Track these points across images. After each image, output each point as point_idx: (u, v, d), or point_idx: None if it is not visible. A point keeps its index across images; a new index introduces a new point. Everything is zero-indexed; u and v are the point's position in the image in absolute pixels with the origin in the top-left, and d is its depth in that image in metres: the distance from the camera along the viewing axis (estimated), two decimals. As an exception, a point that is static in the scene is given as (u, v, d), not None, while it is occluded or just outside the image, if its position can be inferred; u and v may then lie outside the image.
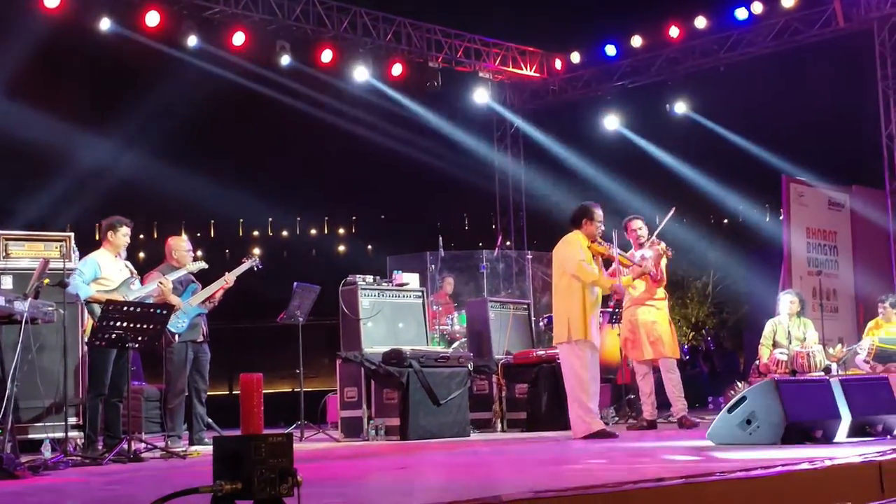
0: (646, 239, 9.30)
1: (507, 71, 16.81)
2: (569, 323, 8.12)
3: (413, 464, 6.22)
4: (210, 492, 3.27)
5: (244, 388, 3.47)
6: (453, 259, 13.48)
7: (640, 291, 9.24)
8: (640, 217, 9.52)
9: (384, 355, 9.36)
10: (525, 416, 10.21)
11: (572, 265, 8.17)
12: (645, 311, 9.21)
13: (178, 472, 6.04)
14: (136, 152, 19.92)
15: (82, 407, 7.93)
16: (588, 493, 4.00)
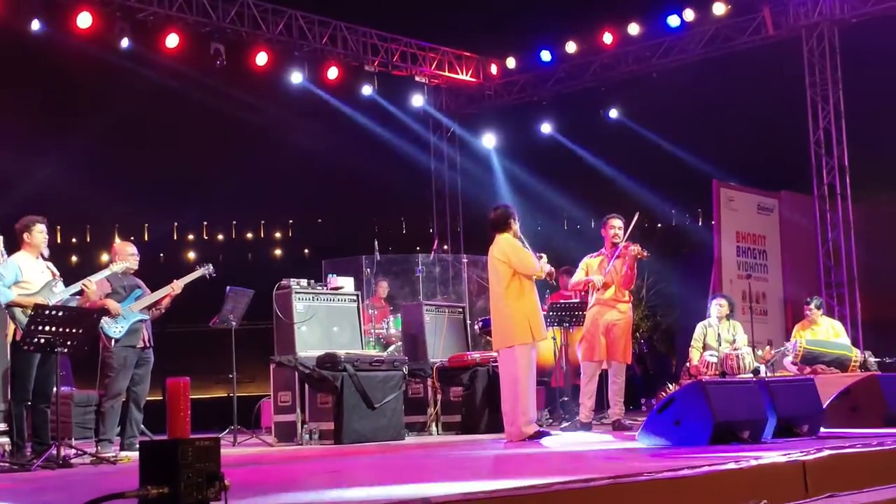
0: (620, 240, 9.39)
1: (443, 75, 16.86)
2: (514, 329, 8.09)
3: (345, 468, 6.22)
4: (136, 496, 3.24)
5: (171, 392, 3.45)
6: (389, 263, 13.49)
7: (608, 293, 9.34)
8: (618, 217, 9.58)
9: (318, 359, 9.33)
10: (460, 418, 10.25)
11: (524, 266, 8.15)
12: (609, 312, 9.34)
13: (108, 478, 5.97)
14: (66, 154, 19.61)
15: (8, 413, 7.79)
16: (517, 495, 4.03)
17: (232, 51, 14.12)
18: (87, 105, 18.01)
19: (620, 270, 9.37)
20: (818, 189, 14.72)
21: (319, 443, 9.09)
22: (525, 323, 8.14)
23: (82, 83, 17.84)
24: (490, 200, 17.46)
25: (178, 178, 23.72)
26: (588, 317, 9.55)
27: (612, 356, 9.35)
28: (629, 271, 9.31)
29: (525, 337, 8.13)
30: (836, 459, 5.48)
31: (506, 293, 8.27)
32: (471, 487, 4.23)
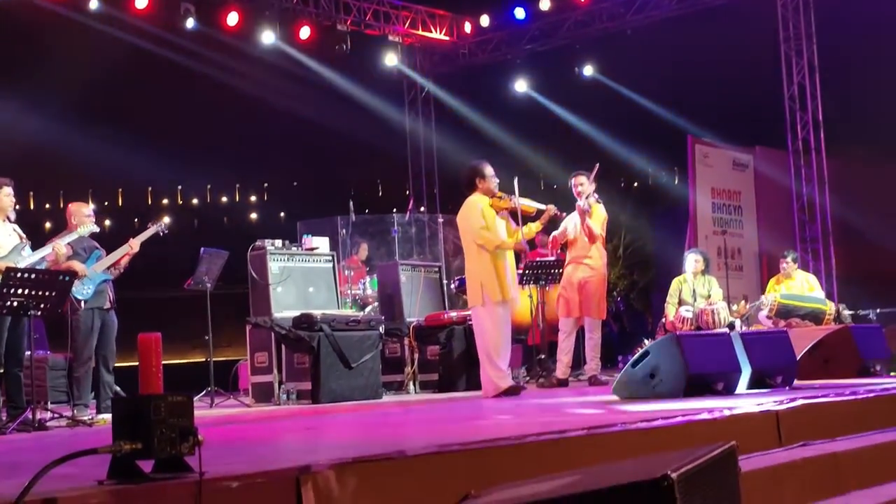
0: (586, 196, 9.39)
1: (417, 34, 16.75)
2: (482, 287, 8.16)
3: (321, 425, 6.23)
4: (109, 452, 3.23)
5: (142, 347, 3.44)
6: (365, 223, 13.46)
7: (579, 249, 9.38)
8: (583, 173, 9.57)
9: (294, 320, 9.31)
10: (437, 377, 10.27)
11: (474, 235, 8.20)
12: (581, 268, 9.37)
13: (84, 439, 5.95)
14: (38, 118, 19.40)
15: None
16: (492, 447, 4.05)
17: (202, 11, 13.97)
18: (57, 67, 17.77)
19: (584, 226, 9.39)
20: (793, 144, 14.77)
21: (297, 403, 9.10)
22: (478, 285, 8.20)
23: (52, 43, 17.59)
24: (465, 160, 17.44)
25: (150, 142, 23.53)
26: (564, 274, 9.60)
27: (587, 312, 9.41)
28: (583, 225, 9.34)
29: (477, 299, 8.19)
30: (809, 409, 5.55)
31: (467, 254, 8.38)
32: (445, 440, 4.25)
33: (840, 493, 4.69)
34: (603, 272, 9.58)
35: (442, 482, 3.75)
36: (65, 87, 18.59)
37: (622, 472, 2.36)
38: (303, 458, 3.78)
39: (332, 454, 3.83)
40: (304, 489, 3.40)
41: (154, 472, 3.30)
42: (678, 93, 17.38)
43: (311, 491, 3.41)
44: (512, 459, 4.02)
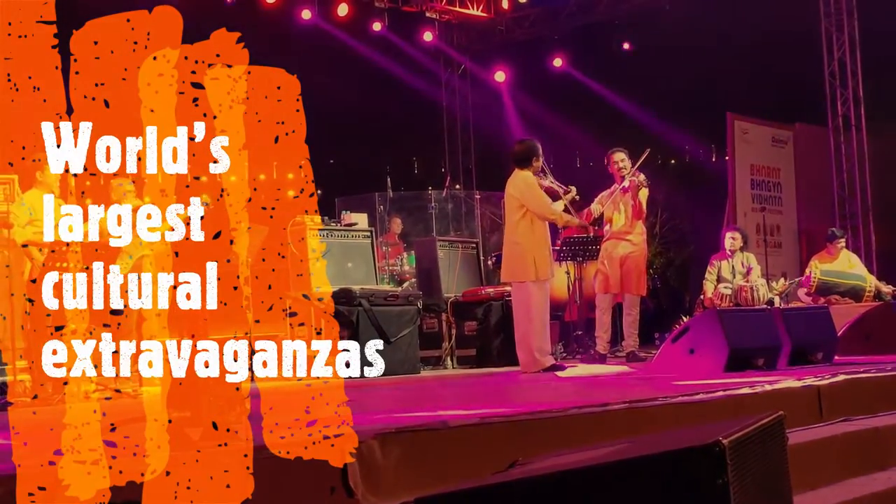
0: (627, 171, 9.35)
1: (454, 11, 16.71)
2: (535, 262, 8.12)
3: (361, 397, 6.27)
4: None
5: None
6: (402, 200, 13.49)
7: (620, 225, 9.35)
8: (622, 150, 9.54)
9: (334, 294, 9.36)
10: (475, 352, 10.29)
11: (541, 210, 8.17)
12: (622, 245, 9.35)
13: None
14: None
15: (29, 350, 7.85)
16: (533, 419, 4.07)
17: (241, -13, 14.03)
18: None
19: (629, 203, 9.36)
20: (832, 121, 14.63)
21: (336, 377, 9.15)
22: (531, 261, 8.18)
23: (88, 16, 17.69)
24: (502, 136, 17.45)
25: (188, 120, 23.65)
26: (602, 249, 9.58)
27: (626, 288, 9.38)
28: (635, 202, 9.30)
29: (528, 275, 8.17)
30: (850, 384, 5.53)
31: (516, 229, 8.30)
32: (486, 411, 4.28)
33: (881, 469, 4.68)
34: (644, 249, 9.55)
35: (484, 453, 3.78)
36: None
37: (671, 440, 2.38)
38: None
39: (373, 425, 3.87)
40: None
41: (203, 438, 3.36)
42: (717, 69, 17.20)
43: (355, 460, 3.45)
44: (554, 432, 4.05)
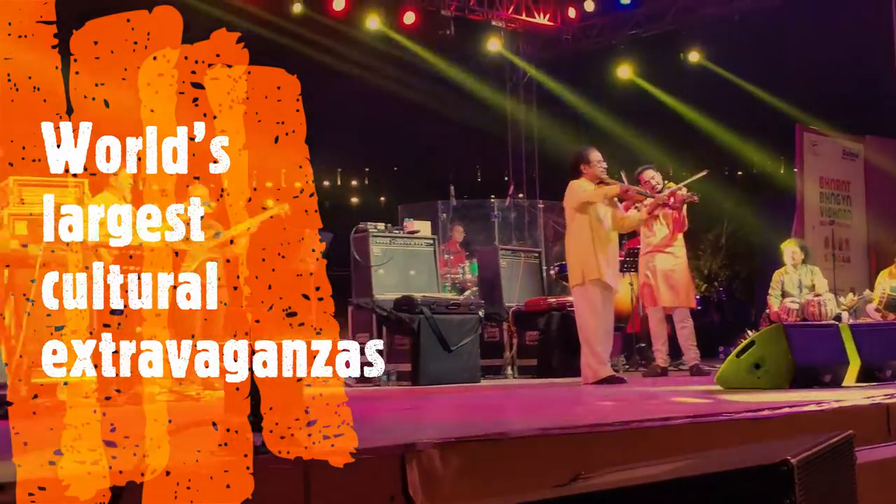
0: (663, 187, 9.25)
1: (520, 20, 16.69)
2: (582, 266, 8.12)
3: (422, 405, 6.28)
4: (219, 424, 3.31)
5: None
6: (465, 208, 13.48)
7: (660, 238, 9.24)
8: (651, 166, 9.48)
9: (396, 302, 9.40)
10: (535, 362, 10.26)
11: (584, 196, 8.13)
12: (663, 258, 9.21)
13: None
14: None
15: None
16: (594, 432, 4.03)
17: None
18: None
19: (670, 215, 9.23)
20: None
21: (397, 384, 9.19)
22: (577, 264, 8.17)
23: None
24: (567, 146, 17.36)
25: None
26: (642, 263, 9.44)
27: (677, 302, 9.24)
28: (679, 215, 9.18)
29: (575, 278, 8.17)
30: (921, 403, 5.39)
31: (568, 235, 8.34)
32: (547, 423, 4.24)
33: (953, 491, 4.56)
34: (686, 260, 9.43)
35: (544, 466, 3.75)
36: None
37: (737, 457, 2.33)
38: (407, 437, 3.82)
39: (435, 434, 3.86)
40: (409, 467, 3.44)
41: (263, 445, 3.37)
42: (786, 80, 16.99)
43: (415, 469, 3.45)
44: (614, 446, 4.00)
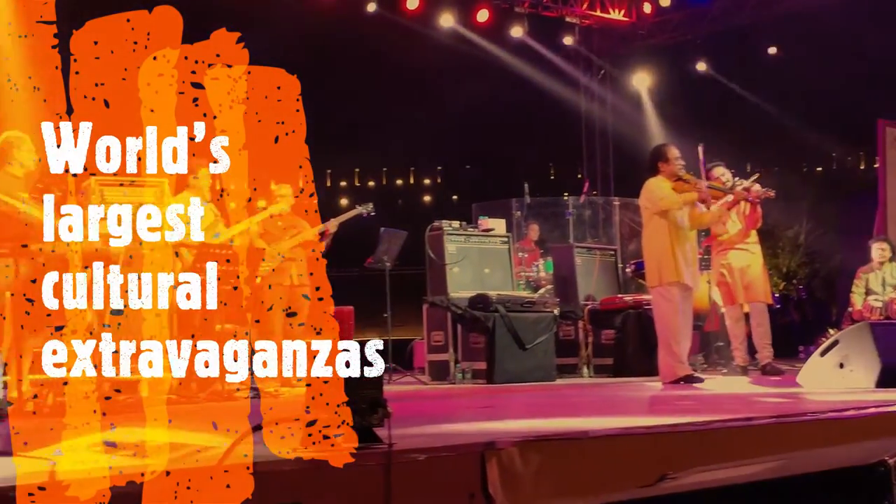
0: (733, 184, 9.11)
1: (595, 16, 16.56)
2: (659, 266, 8.05)
3: (499, 403, 6.26)
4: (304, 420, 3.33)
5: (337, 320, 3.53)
6: (539, 206, 13.42)
7: (733, 234, 9.11)
8: (720, 164, 9.32)
9: (470, 300, 9.39)
10: (612, 361, 10.17)
11: (659, 203, 8.05)
12: (738, 255, 9.08)
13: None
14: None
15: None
16: (677, 432, 3.98)
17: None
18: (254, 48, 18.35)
19: (742, 213, 9.08)
20: None
21: (472, 382, 9.19)
22: (654, 266, 8.07)
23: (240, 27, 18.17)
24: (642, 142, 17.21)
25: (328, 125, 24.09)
26: (716, 261, 9.29)
27: (755, 298, 9.09)
28: (753, 213, 9.01)
29: (652, 280, 8.08)
30: None
31: (645, 234, 8.25)
32: (628, 422, 4.20)
33: None
34: (761, 257, 9.27)
35: (625, 465, 3.71)
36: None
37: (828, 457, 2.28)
38: (485, 435, 3.81)
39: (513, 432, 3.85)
40: (489, 465, 3.43)
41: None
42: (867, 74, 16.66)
43: (495, 467, 3.44)
44: (697, 445, 3.94)
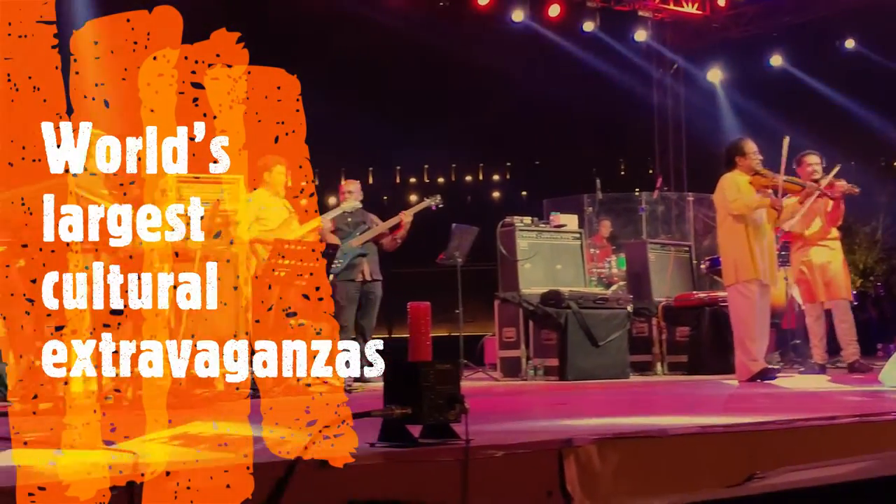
0: (820, 176, 8.92)
1: (668, 9, 16.39)
2: (735, 265, 7.94)
3: (572, 400, 6.22)
4: (381, 415, 3.34)
5: (413, 316, 3.53)
6: (610, 202, 13.32)
7: (814, 231, 8.94)
8: (816, 153, 9.11)
9: (542, 296, 9.36)
10: (686, 359, 10.06)
11: (728, 207, 7.95)
12: (818, 251, 8.92)
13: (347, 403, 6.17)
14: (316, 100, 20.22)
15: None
16: (759, 430, 3.91)
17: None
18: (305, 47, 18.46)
19: (824, 208, 8.88)
20: None
21: (544, 378, 9.15)
22: (730, 263, 7.96)
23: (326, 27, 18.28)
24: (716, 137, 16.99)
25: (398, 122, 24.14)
26: (796, 258, 9.12)
27: (836, 295, 8.91)
28: (836, 209, 8.82)
29: (728, 278, 7.96)
30: None
31: (720, 232, 8.16)
32: (707, 421, 4.13)
33: None
34: (842, 253, 9.08)
35: (704, 464, 3.66)
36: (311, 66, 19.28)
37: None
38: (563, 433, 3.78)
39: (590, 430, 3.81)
40: (567, 462, 3.40)
41: (421, 436, 3.39)
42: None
43: (573, 464, 3.41)
44: (779, 444, 3.87)
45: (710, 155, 16.00)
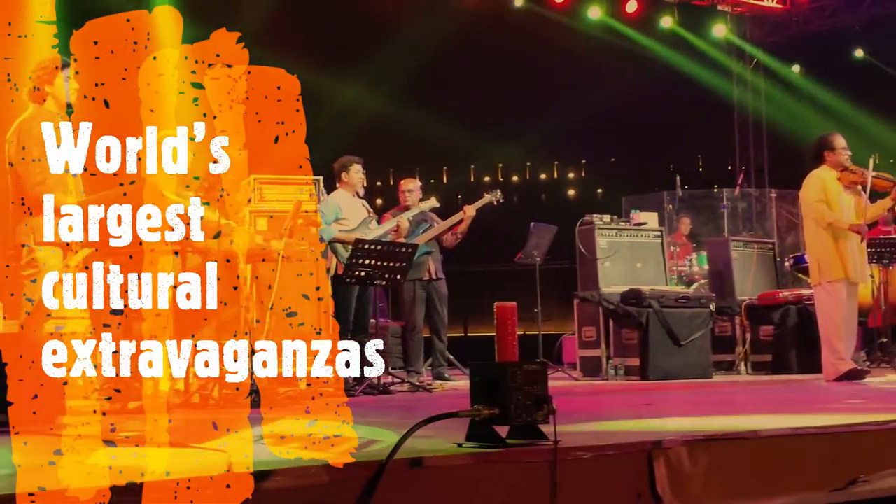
0: None
1: (747, 3, 16.14)
2: (819, 264, 7.81)
3: (657, 401, 6.15)
4: (469, 416, 3.33)
5: (500, 316, 3.51)
6: (691, 199, 13.16)
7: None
8: None
9: (622, 295, 9.27)
10: (770, 358, 9.88)
11: (809, 208, 7.83)
12: None
13: (427, 403, 6.20)
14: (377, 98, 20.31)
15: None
16: (851, 431, 3.83)
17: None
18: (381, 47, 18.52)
19: None
20: None
21: (625, 378, 9.07)
22: (814, 263, 7.86)
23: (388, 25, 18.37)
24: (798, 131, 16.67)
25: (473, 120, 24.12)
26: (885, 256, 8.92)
27: None
28: None
29: (813, 278, 7.87)
30: None
31: (806, 229, 8.04)
32: (799, 422, 4.05)
33: None
34: None
35: (796, 466, 3.60)
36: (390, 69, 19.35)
37: None
38: (651, 434, 3.74)
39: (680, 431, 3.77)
40: (657, 464, 3.37)
41: (508, 437, 3.37)
42: None
43: (663, 466, 3.38)
44: (873, 446, 3.79)
45: (792, 150, 15.75)
